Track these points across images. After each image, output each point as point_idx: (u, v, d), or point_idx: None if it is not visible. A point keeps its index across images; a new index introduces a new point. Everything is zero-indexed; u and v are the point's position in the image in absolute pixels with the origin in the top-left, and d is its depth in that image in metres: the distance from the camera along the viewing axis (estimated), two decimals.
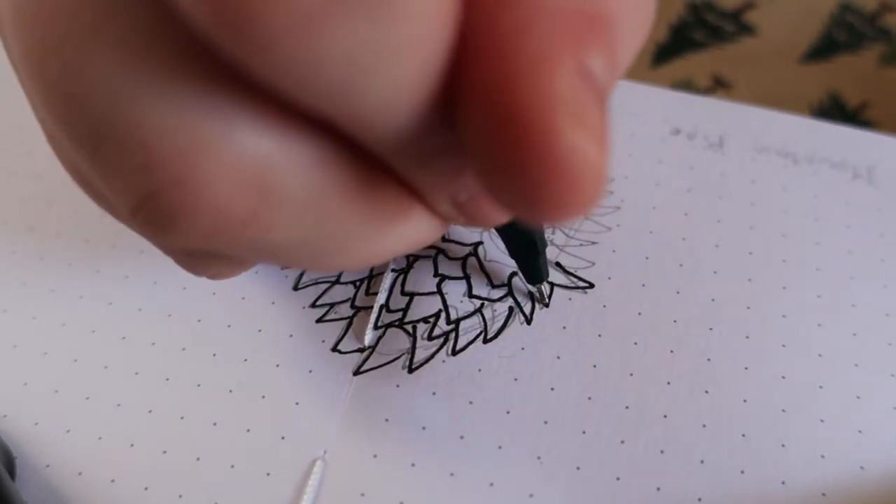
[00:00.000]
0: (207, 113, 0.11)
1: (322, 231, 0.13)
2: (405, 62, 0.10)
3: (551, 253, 0.25)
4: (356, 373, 0.22)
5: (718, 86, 0.32)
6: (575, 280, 0.24)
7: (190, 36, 0.10)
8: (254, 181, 0.11)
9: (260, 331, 0.23)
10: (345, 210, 0.13)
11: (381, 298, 0.24)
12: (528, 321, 0.23)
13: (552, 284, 0.24)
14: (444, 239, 0.25)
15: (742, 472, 0.20)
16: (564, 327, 0.23)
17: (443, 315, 0.23)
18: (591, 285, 0.24)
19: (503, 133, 0.10)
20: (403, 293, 0.24)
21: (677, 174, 0.27)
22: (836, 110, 0.31)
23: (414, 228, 0.15)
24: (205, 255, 0.16)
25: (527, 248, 0.22)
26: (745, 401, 0.22)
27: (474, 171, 0.11)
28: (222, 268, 0.17)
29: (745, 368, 0.22)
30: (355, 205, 0.13)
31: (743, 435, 0.21)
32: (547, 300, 0.24)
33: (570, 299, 0.24)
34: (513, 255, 0.23)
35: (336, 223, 0.13)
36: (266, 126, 0.11)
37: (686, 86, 0.32)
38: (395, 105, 0.11)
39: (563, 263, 0.25)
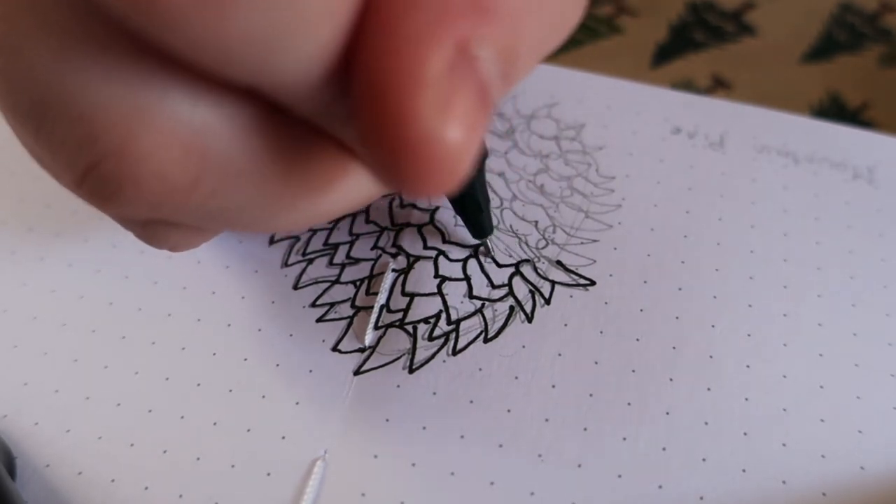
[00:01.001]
0: (140, 85, 0.11)
1: (265, 192, 0.14)
2: (314, 33, 0.10)
3: (552, 252, 0.25)
4: (356, 373, 0.22)
5: (719, 86, 0.32)
6: (576, 277, 0.24)
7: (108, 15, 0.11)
8: (193, 148, 0.12)
9: (260, 330, 0.23)
10: (284, 171, 0.14)
11: (381, 299, 0.24)
12: (530, 319, 0.23)
13: (553, 282, 0.24)
14: (444, 241, 0.25)
15: (743, 470, 0.20)
16: (566, 325, 0.23)
17: (443, 316, 0.23)
18: (593, 282, 0.24)
19: (373, 107, 0.11)
20: (404, 294, 0.24)
21: (678, 173, 0.27)
22: (836, 111, 0.31)
23: (356, 185, 0.15)
24: (160, 225, 0.16)
25: (470, 204, 0.23)
26: (746, 399, 0.22)
27: (357, 136, 0.11)
28: (180, 238, 0.17)
29: (747, 367, 0.22)
30: (294, 165, 0.14)
31: (744, 433, 0.21)
32: (493, 254, 0.25)
33: (571, 296, 0.24)
34: (457, 211, 0.23)
35: (278, 184, 0.14)
36: (199, 95, 0.12)
37: (686, 86, 0.32)
38: (309, 73, 0.11)
39: (564, 261, 0.25)
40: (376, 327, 0.23)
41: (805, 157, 0.28)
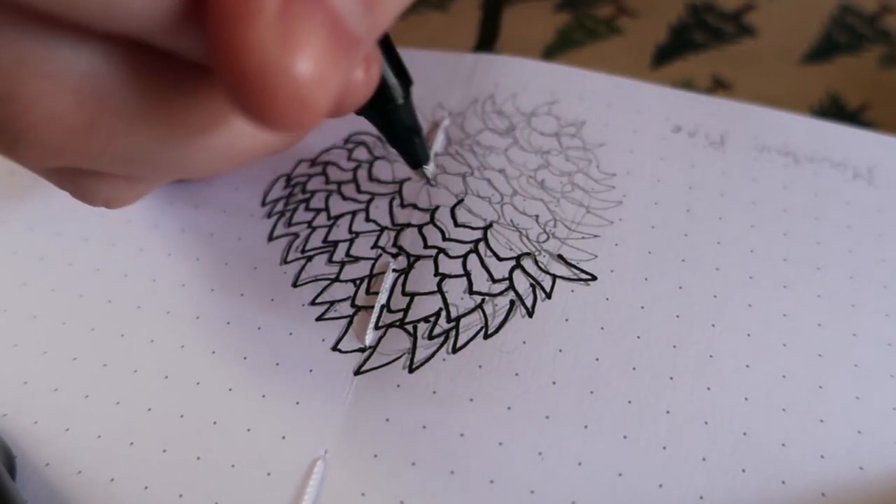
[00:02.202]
0: (17, 35, 0.12)
1: (167, 132, 0.14)
2: None
3: (553, 246, 0.25)
4: (357, 373, 0.22)
5: (718, 87, 0.32)
6: (577, 272, 0.24)
7: None
8: (82, 91, 0.13)
9: (259, 328, 0.23)
10: (179, 109, 0.14)
11: (381, 299, 0.24)
12: (530, 314, 0.23)
13: (554, 276, 0.24)
14: (444, 238, 0.25)
15: (743, 470, 0.20)
16: (567, 319, 0.23)
17: (443, 313, 0.23)
18: (594, 277, 0.24)
19: (214, 39, 0.11)
20: (404, 293, 0.24)
21: (679, 171, 0.27)
22: (836, 111, 0.31)
23: None
24: (84, 177, 0.17)
25: (401, 134, 0.23)
26: (746, 399, 0.22)
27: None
28: (110, 191, 0.18)
29: (747, 366, 0.22)
30: (188, 103, 0.14)
31: (744, 433, 0.21)
32: (434, 183, 0.26)
33: (572, 291, 0.24)
34: (391, 142, 0.23)
35: (178, 123, 0.14)
36: (78, 43, 0.12)
37: (686, 86, 0.32)
38: (158, 10, 0.12)
39: (565, 255, 0.25)
40: (377, 327, 0.23)
41: (805, 156, 0.28)
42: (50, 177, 0.18)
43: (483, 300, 0.23)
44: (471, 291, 0.24)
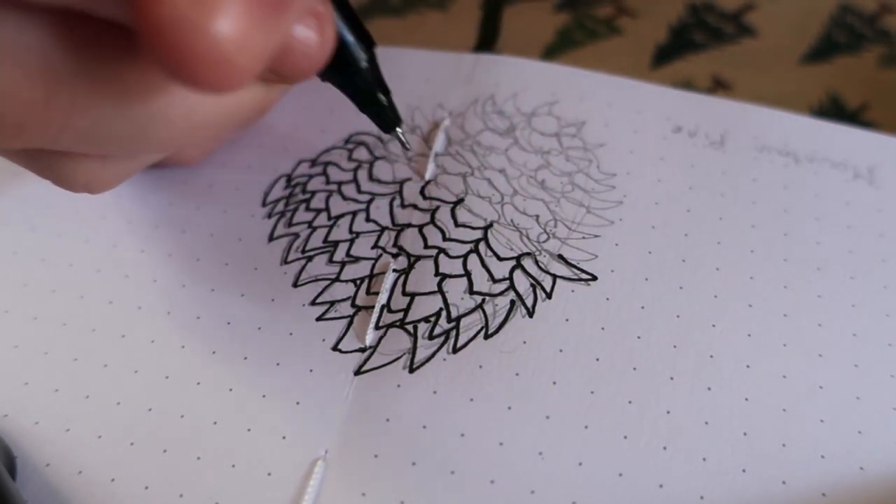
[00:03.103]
0: None
1: (117, 100, 0.14)
2: None
3: (553, 245, 0.25)
4: (357, 373, 0.22)
5: (718, 87, 0.32)
6: (577, 272, 0.24)
7: None
8: (32, 67, 0.13)
9: (260, 328, 0.23)
10: (123, 76, 0.14)
11: (382, 299, 0.24)
12: (531, 314, 0.23)
13: (554, 276, 0.24)
14: (445, 238, 0.25)
15: (743, 470, 0.20)
16: (567, 320, 0.23)
17: (443, 313, 0.23)
18: (595, 277, 0.24)
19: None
20: (405, 294, 0.24)
21: (679, 171, 0.27)
22: (835, 112, 0.31)
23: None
24: (59, 159, 0.17)
25: (367, 98, 0.22)
26: (746, 399, 0.22)
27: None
28: (86, 172, 0.18)
29: (747, 366, 0.22)
30: (130, 70, 0.14)
31: (744, 433, 0.21)
32: (409, 146, 0.25)
33: (572, 291, 0.24)
34: (359, 107, 0.22)
35: (123, 90, 0.14)
36: (22, 18, 0.13)
37: (686, 86, 0.32)
38: None
39: (565, 255, 0.25)
40: (377, 327, 0.23)
41: (806, 156, 0.28)
42: (26, 163, 0.18)
43: (483, 300, 0.23)
44: (471, 291, 0.24)
